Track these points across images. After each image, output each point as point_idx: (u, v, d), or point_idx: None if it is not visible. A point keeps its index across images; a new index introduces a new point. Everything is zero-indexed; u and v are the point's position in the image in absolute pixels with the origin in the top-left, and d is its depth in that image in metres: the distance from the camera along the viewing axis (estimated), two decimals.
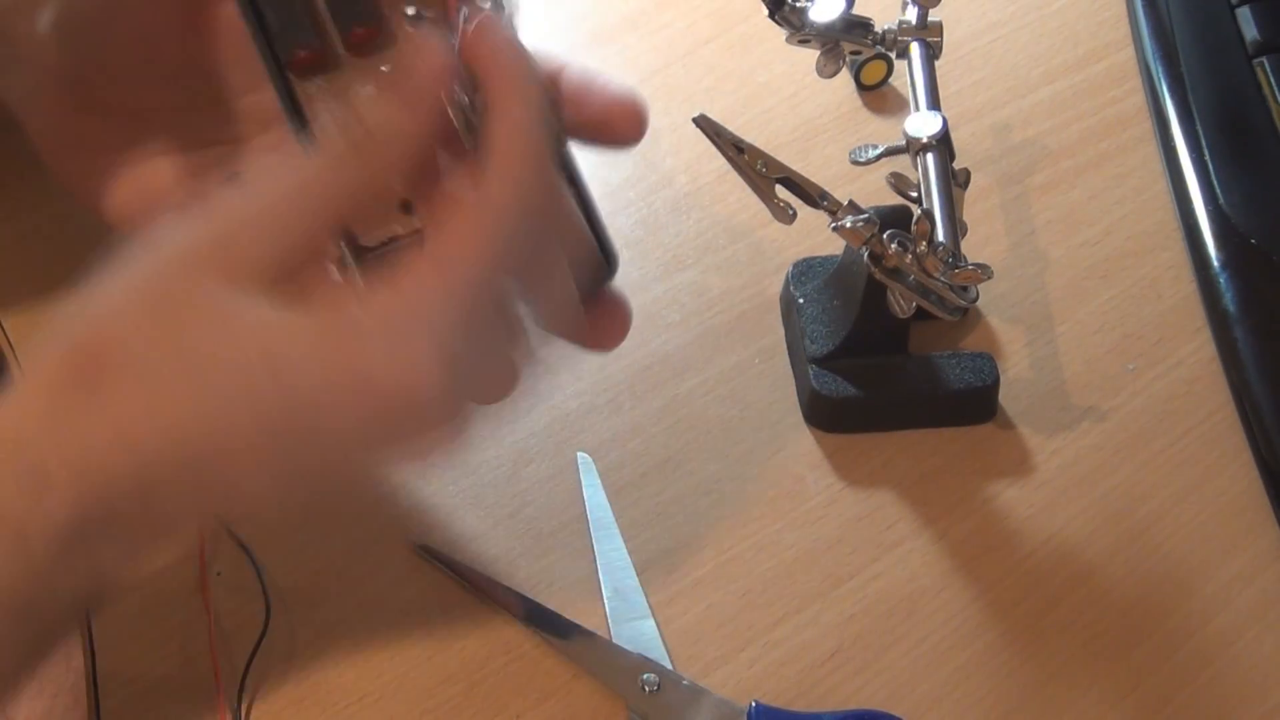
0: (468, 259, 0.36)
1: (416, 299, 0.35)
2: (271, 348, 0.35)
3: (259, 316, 0.35)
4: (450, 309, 0.36)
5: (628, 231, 0.59)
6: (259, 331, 0.35)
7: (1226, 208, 0.59)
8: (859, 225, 0.48)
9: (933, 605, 0.50)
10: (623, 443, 0.53)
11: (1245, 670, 0.49)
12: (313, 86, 0.44)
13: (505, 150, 0.37)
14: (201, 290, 0.35)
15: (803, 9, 0.55)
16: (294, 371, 0.35)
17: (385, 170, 0.37)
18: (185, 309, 0.35)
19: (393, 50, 0.44)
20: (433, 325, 0.35)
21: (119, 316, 0.35)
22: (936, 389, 0.53)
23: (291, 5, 0.44)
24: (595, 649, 0.47)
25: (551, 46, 0.66)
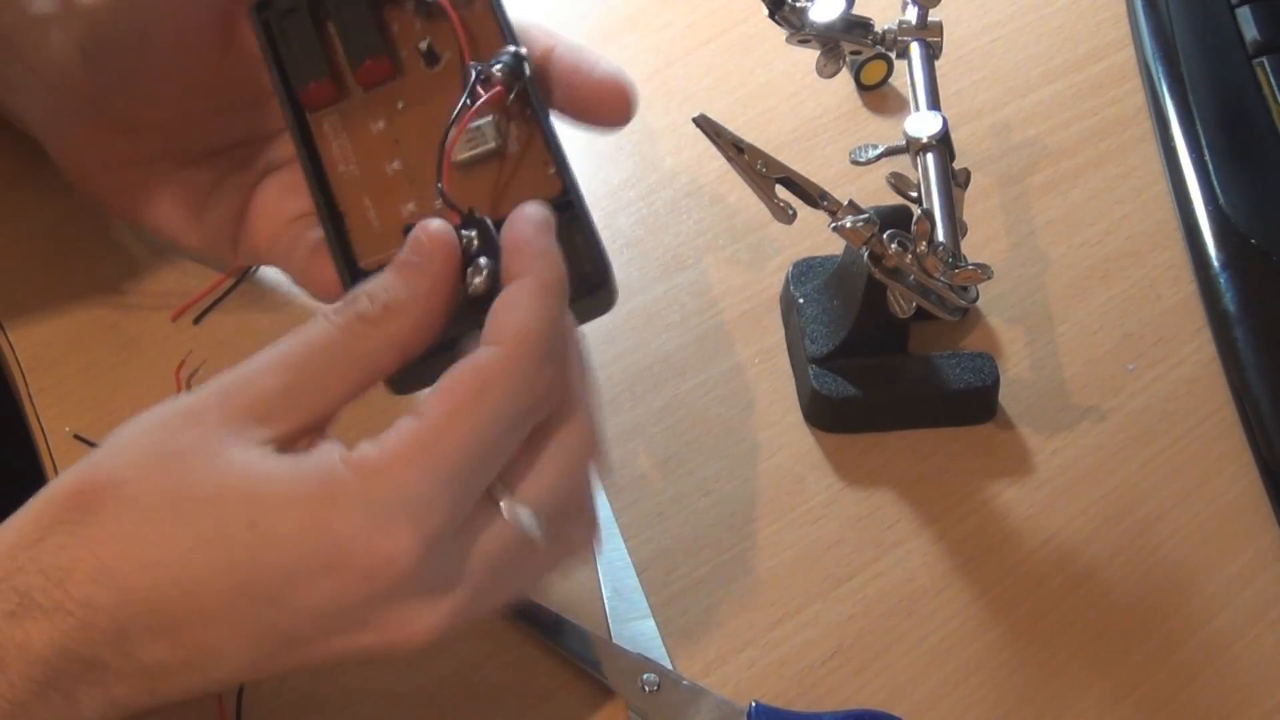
0: (456, 442, 0.36)
1: (402, 473, 0.35)
2: (251, 494, 0.35)
3: (247, 462, 0.36)
4: (433, 488, 0.36)
5: (628, 231, 0.59)
6: (243, 476, 0.36)
7: (1226, 208, 0.59)
8: (859, 225, 0.48)
9: (933, 605, 0.50)
10: (623, 443, 0.53)
11: (1245, 670, 0.49)
12: (324, 118, 0.44)
13: (515, 343, 0.37)
14: (202, 434, 0.36)
15: (803, 9, 0.55)
16: (270, 521, 0.35)
17: (398, 344, 0.38)
18: (185, 452, 0.36)
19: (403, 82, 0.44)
20: (413, 502, 0.35)
21: (122, 455, 0.36)
22: (936, 389, 0.53)
23: (305, 38, 0.44)
24: (595, 649, 0.47)
25: None
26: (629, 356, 0.56)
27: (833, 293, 0.55)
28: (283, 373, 0.37)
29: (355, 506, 0.35)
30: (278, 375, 0.37)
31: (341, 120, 0.44)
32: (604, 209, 0.60)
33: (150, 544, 0.35)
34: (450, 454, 0.36)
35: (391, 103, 0.44)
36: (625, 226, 0.60)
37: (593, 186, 0.61)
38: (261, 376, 0.37)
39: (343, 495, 0.35)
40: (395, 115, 0.44)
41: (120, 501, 0.35)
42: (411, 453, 0.36)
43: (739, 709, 0.46)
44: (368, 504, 0.35)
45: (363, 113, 0.44)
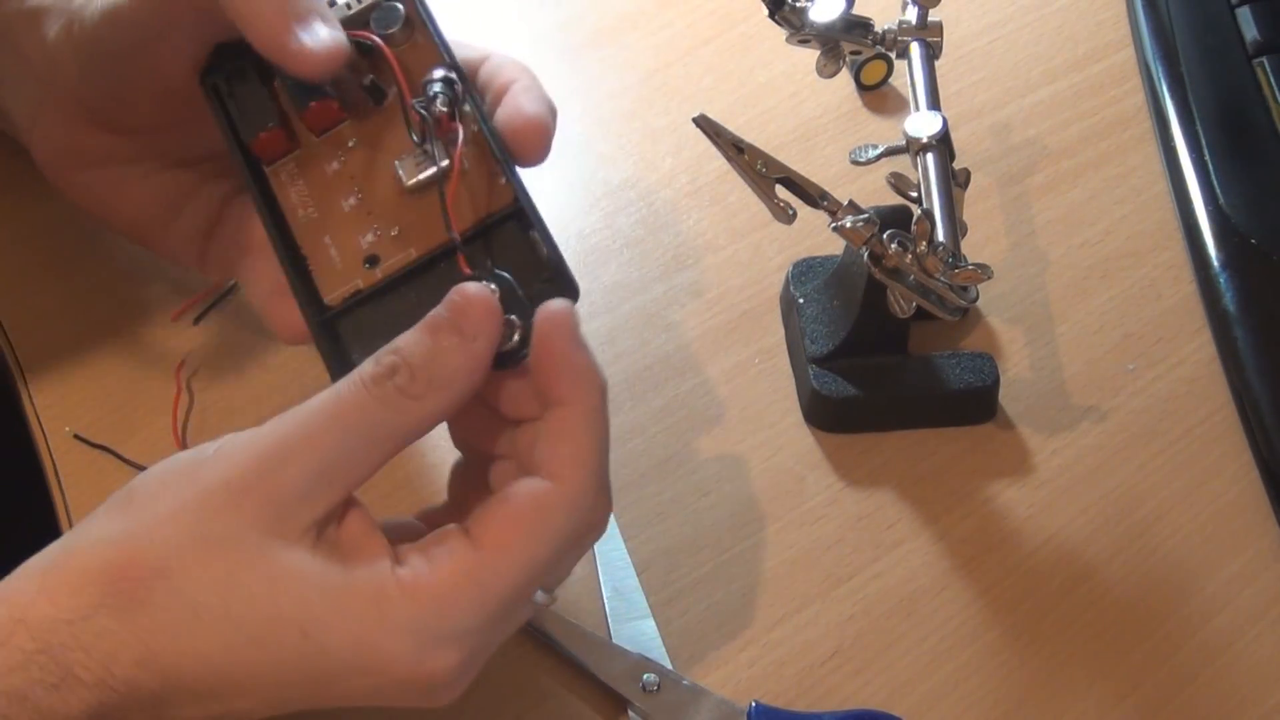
0: (511, 578, 0.37)
1: (453, 604, 0.37)
2: (303, 600, 0.36)
3: (301, 571, 0.36)
4: (483, 618, 0.37)
5: (628, 231, 0.59)
6: (296, 580, 0.36)
7: (1226, 208, 0.59)
8: (859, 225, 0.48)
9: (933, 605, 0.50)
10: (623, 443, 0.53)
11: (1245, 670, 0.49)
12: (281, 169, 0.45)
13: (571, 477, 0.38)
14: (244, 522, 0.36)
15: (803, 9, 0.55)
16: (321, 632, 0.36)
17: (436, 417, 0.38)
18: (230, 542, 0.36)
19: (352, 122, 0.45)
20: (462, 632, 0.37)
21: (164, 544, 0.36)
22: (936, 389, 0.53)
23: (252, 89, 0.45)
24: (595, 649, 0.47)
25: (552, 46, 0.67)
26: (629, 356, 0.56)
27: (833, 293, 0.55)
28: (319, 453, 0.37)
29: (406, 631, 0.36)
30: (314, 455, 0.37)
31: (297, 168, 0.45)
32: (604, 209, 0.60)
33: (199, 639, 0.36)
34: (503, 590, 0.37)
35: (343, 143, 0.45)
36: (625, 226, 0.60)
37: (592, 187, 0.61)
38: (299, 456, 0.37)
39: (394, 618, 0.36)
40: (348, 154, 0.45)
41: (169, 593, 0.36)
42: (464, 584, 0.37)
43: (739, 709, 0.46)
44: (418, 630, 0.36)
45: (317, 158, 0.45)
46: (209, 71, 0.46)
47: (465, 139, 0.43)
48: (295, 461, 0.36)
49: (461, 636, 0.37)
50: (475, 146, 0.43)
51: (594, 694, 0.47)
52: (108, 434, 0.51)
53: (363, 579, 0.37)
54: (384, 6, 0.45)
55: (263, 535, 0.36)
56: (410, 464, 0.51)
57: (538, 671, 0.47)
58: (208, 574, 0.36)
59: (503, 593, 0.37)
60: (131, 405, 0.52)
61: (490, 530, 0.37)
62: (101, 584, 0.36)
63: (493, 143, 0.43)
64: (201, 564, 0.36)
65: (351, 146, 0.44)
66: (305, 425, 0.37)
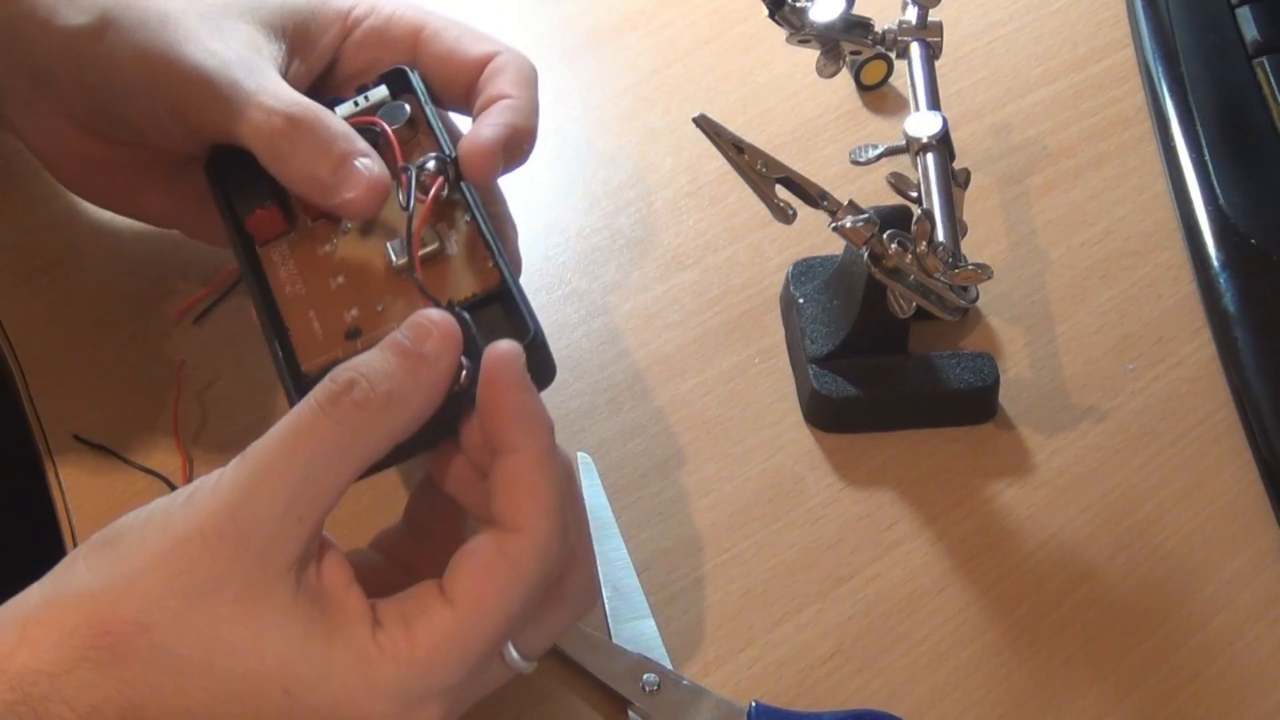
0: (489, 632, 0.37)
1: (436, 666, 0.37)
2: (286, 659, 0.36)
3: (283, 627, 0.36)
4: (464, 673, 0.37)
5: (628, 231, 0.60)
6: (282, 645, 0.36)
7: (1226, 208, 0.59)
8: (859, 225, 0.48)
9: (933, 605, 0.50)
10: (623, 443, 0.53)
11: (1245, 670, 0.49)
12: (274, 249, 0.46)
13: (534, 525, 0.38)
14: (222, 570, 0.36)
15: (803, 9, 0.55)
16: (304, 692, 0.36)
17: (394, 436, 0.38)
18: (211, 599, 0.36)
19: None
20: (444, 689, 0.37)
21: (144, 597, 0.36)
22: (936, 389, 0.53)
23: (249, 169, 0.46)
24: (595, 649, 0.47)
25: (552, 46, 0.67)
26: (629, 356, 0.56)
27: (833, 293, 0.55)
28: (285, 486, 0.36)
29: (389, 695, 0.37)
30: (280, 489, 0.36)
31: (289, 249, 0.46)
32: (604, 209, 0.60)
33: (183, 693, 0.36)
34: (482, 645, 0.37)
35: (338, 227, 0.46)
36: (625, 226, 0.60)
37: (592, 187, 0.61)
38: (265, 493, 0.36)
39: (377, 682, 0.37)
40: (340, 237, 0.46)
41: (152, 648, 0.36)
42: (445, 646, 0.37)
43: (739, 709, 0.46)
44: (400, 693, 0.37)
45: (310, 240, 0.46)
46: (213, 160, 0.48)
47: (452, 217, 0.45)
48: (263, 499, 0.36)
49: (442, 694, 0.37)
50: (465, 229, 0.44)
51: (594, 694, 0.47)
52: (108, 434, 0.51)
53: (345, 641, 0.37)
54: (390, 105, 0.47)
55: (244, 583, 0.36)
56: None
57: (538, 671, 0.47)
58: (189, 627, 0.36)
59: (481, 648, 0.37)
60: (132, 405, 0.52)
61: (463, 586, 0.37)
62: (84, 637, 0.35)
63: (483, 226, 0.44)
64: (183, 617, 0.36)
65: (346, 230, 0.46)
66: (266, 459, 0.37)
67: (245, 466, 0.37)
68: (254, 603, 0.36)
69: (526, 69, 0.49)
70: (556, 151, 0.62)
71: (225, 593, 0.36)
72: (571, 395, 0.54)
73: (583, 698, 0.47)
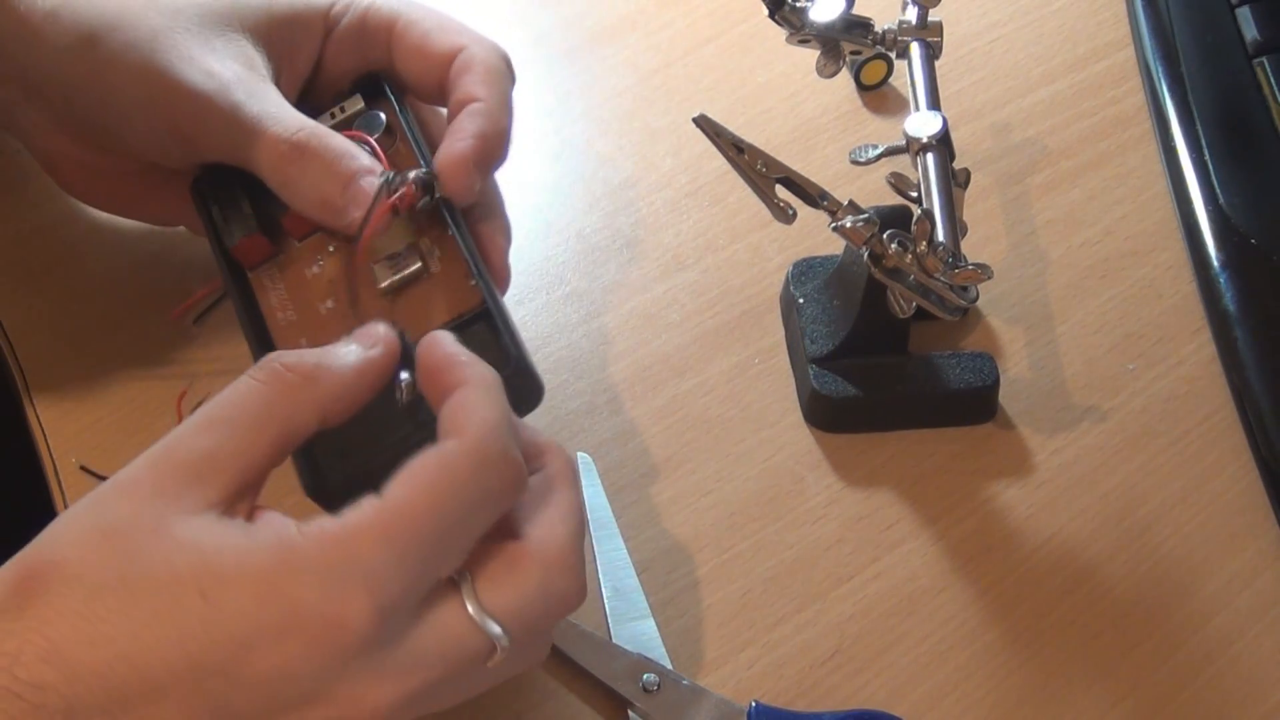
0: (422, 521, 0.36)
1: (361, 544, 0.35)
2: (202, 565, 0.35)
3: (197, 534, 0.35)
4: (392, 562, 0.36)
5: (628, 231, 0.60)
6: (194, 549, 0.35)
7: (1226, 208, 0.59)
8: (859, 225, 0.48)
9: (933, 605, 0.50)
10: (623, 443, 0.53)
11: (1245, 670, 0.49)
12: (264, 273, 0.47)
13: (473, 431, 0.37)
14: (139, 505, 0.36)
15: (803, 9, 0.55)
16: (223, 591, 0.35)
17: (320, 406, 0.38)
18: (126, 527, 0.35)
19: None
20: (371, 574, 0.35)
21: (63, 537, 0.36)
22: (936, 389, 0.53)
23: (235, 200, 0.47)
24: (595, 649, 0.47)
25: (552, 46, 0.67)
26: (629, 356, 0.56)
27: (833, 293, 0.55)
28: (208, 433, 0.37)
29: (312, 572, 0.35)
30: (203, 436, 0.37)
31: (279, 271, 0.47)
32: (604, 209, 0.60)
33: (100, 620, 0.34)
34: (412, 532, 0.36)
35: (323, 248, 0.46)
36: (625, 226, 0.60)
37: (592, 187, 0.61)
38: (188, 439, 0.37)
39: (299, 562, 0.35)
40: (328, 258, 0.46)
41: (65, 582, 0.35)
42: (373, 527, 0.36)
43: (739, 709, 0.46)
44: (325, 570, 0.35)
45: (297, 262, 0.46)
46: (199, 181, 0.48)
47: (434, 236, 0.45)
48: (184, 445, 0.36)
49: (371, 578, 0.35)
50: (446, 248, 0.45)
51: (594, 694, 0.47)
52: (108, 434, 0.51)
53: (264, 534, 0.36)
54: (367, 115, 0.47)
55: (160, 512, 0.35)
56: None
57: (538, 671, 0.47)
58: (104, 557, 0.35)
59: (412, 534, 0.36)
60: (132, 406, 0.52)
61: (396, 483, 0.37)
62: (8, 585, 0.35)
63: (464, 247, 0.44)
64: (97, 549, 0.35)
65: (331, 251, 0.46)
66: (194, 418, 0.37)
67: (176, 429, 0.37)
68: (170, 524, 0.35)
69: (493, 63, 0.48)
70: (556, 151, 0.62)
71: (141, 522, 0.35)
72: (571, 395, 0.54)
73: (583, 698, 0.47)
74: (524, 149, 0.62)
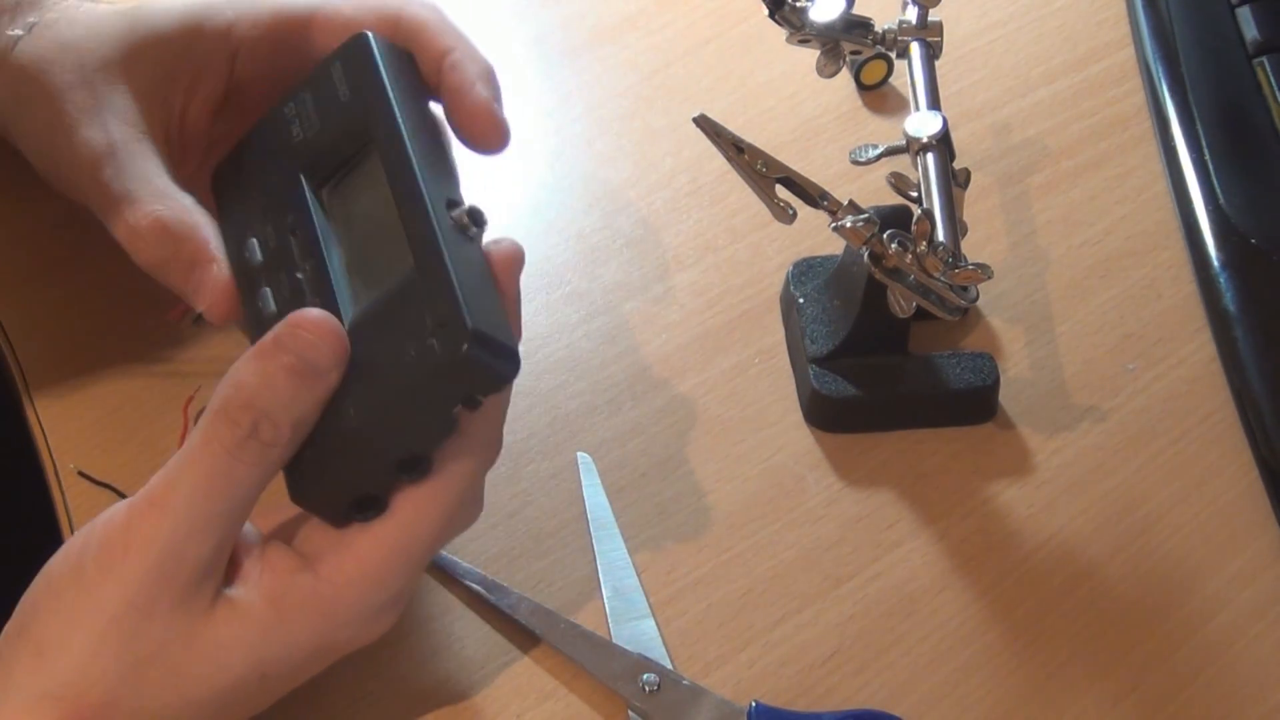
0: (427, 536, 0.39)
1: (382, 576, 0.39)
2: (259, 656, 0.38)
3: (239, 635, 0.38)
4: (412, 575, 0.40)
5: (628, 231, 0.59)
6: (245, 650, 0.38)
7: (1226, 208, 0.59)
8: (859, 225, 0.48)
9: (933, 605, 0.50)
10: (623, 443, 0.53)
11: (1245, 670, 0.49)
12: None
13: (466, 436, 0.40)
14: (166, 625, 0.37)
15: (803, 9, 0.55)
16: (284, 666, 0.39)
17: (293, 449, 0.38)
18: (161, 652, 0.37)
19: None
20: (399, 595, 0.40)
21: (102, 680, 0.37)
22: (936, 389, 0.53)
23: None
24: (595, 649, 0.47)
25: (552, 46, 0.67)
26: (629, 356, 0.56)
27: (833, 293, 0.55)
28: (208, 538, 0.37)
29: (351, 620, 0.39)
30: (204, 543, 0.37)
31: None
32: (604, 209, 0.60)
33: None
34: (423, 550, 0.39)
35: None
36: (625, 226, 0.60)
37: (592, 187, 0.61)
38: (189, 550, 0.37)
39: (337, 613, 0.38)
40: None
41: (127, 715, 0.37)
42: (396, 558, 0.38)
43: (739, 709, 0.46)
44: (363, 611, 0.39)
45: None
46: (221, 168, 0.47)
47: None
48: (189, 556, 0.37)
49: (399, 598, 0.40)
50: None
51: (594, 694, 0.47)
52: (108, 434, 0.51)
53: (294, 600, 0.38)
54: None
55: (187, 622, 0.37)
56: None
57: (538, 671, 0.47)
58: (153, 683, 0.37)
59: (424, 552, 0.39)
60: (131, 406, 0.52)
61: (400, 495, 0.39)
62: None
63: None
64: (146, 679, 0.37)
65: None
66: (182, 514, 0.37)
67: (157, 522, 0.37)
68: (201, 635, 0.37)
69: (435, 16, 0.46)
70: (556, 151, 0.62)
71: (176, 645, 0.37)
72: (571, 395, 0.54)
73: (583, 698, 0.47)
74: (524, 149, 0.62)
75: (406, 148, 0.41)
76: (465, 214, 0.41)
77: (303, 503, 0.40)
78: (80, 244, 0.56)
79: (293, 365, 0.37)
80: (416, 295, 0.39)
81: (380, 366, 0.39)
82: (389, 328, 0.39)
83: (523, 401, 0.54)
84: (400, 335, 0.38)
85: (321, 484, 0.39)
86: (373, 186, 0.42)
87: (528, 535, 0.51)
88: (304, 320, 0.38)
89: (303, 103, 0.45)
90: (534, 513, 0.51)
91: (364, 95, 0.43)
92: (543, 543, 0.50)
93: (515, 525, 0.51)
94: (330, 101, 0.44)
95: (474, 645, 0.48)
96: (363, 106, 0.43)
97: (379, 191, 0.41)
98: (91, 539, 0.37)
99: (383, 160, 0.42)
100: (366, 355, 0.39)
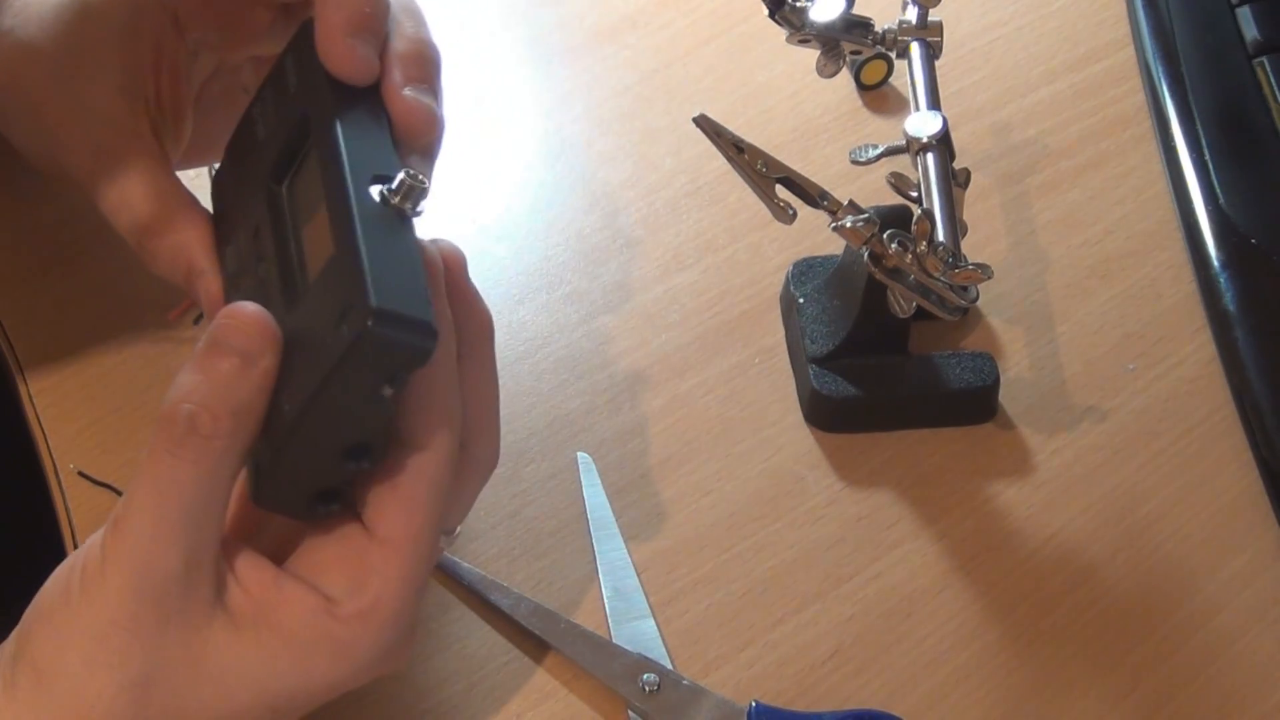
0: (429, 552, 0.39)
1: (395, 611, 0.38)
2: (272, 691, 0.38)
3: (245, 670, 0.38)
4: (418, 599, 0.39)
5: (628, 231, 0.59)
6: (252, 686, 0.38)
7: (1226, 208, 0.59)
8: (859, 225, 0.48)
9: (933, 605, 0.50)
10: (623, 443, 0.53)
11: (1245, 670, 0.49)
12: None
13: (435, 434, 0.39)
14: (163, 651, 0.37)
15: (803, 9, 0.55)
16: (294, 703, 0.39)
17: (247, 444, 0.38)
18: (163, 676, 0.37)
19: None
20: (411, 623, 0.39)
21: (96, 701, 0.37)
22: (936, 389, 0.53)
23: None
24: (595, 649, 0.47)
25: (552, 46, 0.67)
26: (629, 356, 0.56)
27: (833, 293, 0.55)
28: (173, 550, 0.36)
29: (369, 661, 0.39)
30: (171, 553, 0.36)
31: None
32: (604, 209, 0.60)
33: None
34: (425, 568, 0.39)
35: None
36: (625, 226, 0.60)
37: (592, 187, 0.61)
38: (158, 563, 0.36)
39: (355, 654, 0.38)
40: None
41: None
42: (403, 590, 0.38)
43: (739, 709, 0.46)
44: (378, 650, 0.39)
45: None
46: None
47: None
48: (159, 569, 0.36)
49: (411, 626, 0.39)
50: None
51: (594, 694, 0.47)
52: (108, 434, 0.51)
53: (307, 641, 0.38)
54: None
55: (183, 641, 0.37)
56: None
57: (538, 671, 0.47)
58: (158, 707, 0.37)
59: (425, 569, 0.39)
60: (131, 405, 0.52)
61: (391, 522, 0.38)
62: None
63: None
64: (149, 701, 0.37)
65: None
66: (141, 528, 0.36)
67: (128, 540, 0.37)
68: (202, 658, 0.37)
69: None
70: (556, 151, 0.62)
71: (172, 664, 0.37)
72: (571, 395, 0.54)
73: (583, 698, 0.47)
74: (524, 149, 0.62)
75: (335, 127, 0.40)
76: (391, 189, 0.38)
77: (261, 504, 0.39)
78: (80, 243, 0.56)
79: (220, 353, 0.37)
80: (335, 278, 0.38)
81: (307, 356, 0.38)
82: (315, 315, 0.38)
83: (523, 401, 0.54)
84: (322, 321, 0.37)
85: (275, 482, 0.38)
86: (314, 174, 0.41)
87: (528, 535, 0.51)
88: (229, 310, 0.38)
89: (264, 100, 0.44)
90: (534, 513, 0.51)
91: (304, 81, 0.42)
92: (543, 543, 0.50)
93: (515, 525, 0.51)
94: (283, 95, 0.43)
95: (474, 645, 0.48)
96: (304, 93, 0.42)
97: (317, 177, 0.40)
98: (77, 561, 0.38)
99: (316, 143, 0.41)
100: (298, 345, 0.38)
